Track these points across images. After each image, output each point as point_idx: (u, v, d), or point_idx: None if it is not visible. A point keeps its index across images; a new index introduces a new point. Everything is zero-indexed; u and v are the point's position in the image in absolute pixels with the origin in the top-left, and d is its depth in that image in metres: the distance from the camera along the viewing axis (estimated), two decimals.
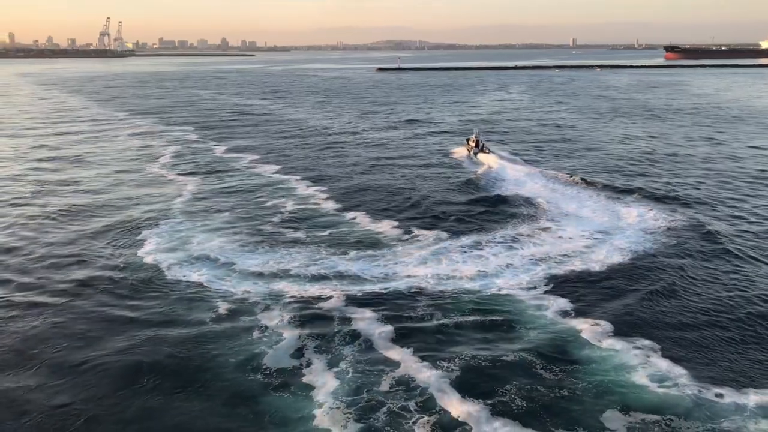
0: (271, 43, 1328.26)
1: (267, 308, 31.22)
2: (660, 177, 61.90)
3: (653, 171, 65.17)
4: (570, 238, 41.73)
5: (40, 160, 74.44)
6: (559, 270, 35.80)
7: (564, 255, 38.16)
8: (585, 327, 28.91)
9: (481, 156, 71.73)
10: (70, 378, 25.26)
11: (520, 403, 22.92)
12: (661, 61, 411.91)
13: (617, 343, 27.29)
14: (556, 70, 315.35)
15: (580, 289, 33.47)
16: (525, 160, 71.40)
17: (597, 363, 25.75)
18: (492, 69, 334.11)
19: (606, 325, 29.08)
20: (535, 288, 33.40)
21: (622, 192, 54.62)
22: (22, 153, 79.85)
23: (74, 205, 52.54)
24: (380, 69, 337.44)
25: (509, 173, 63.25)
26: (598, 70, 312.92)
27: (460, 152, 76.26)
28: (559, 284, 33.92)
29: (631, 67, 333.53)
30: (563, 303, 31.59)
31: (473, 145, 74.57)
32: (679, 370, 24.96)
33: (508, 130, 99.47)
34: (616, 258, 37.80)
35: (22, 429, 22.14)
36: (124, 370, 25.59)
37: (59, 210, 50.78)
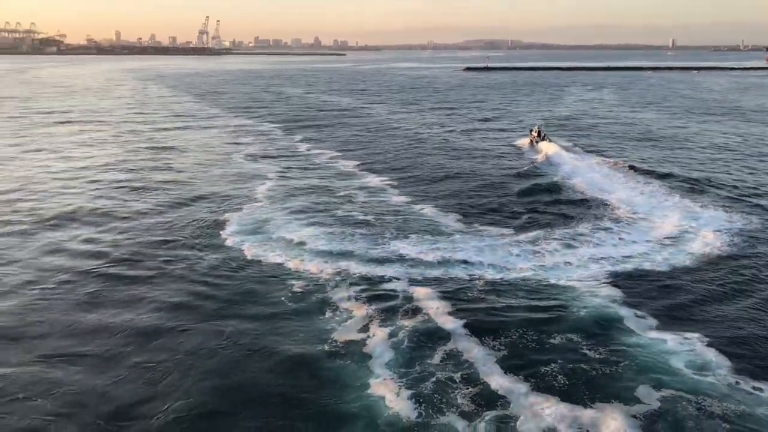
0: (362, 43, 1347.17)
1: (336, 286, 33.51)
2: (742, 180, 60.52)
3: (735, 173, 63.71)
4: (633, 234, 41.99)
5: (137, 148, 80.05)
6: (618, 266, 36.25)
7: (625, 253, 38.42)
8: (634, 316, 29.73)
9: (542, 145, 75.12)
10: (160, 339, 28.23)
11: (560, 380, 24.20)
12: (762, 63, 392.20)
13: (664, 334, 28.00)
14: (650, 72, 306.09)
15: (635, 282, 34.04)
16: (591, 152, 72.43)
17: (641, 348, 26.65)
18: (583, 69, 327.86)
19: (656, 317, 29.78)
20: (589, 280, 34.14)
21: (698, 192, 54.08)
22: (122, 141, 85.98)
23: (166, 189, 56.75)
24: (467, 68, 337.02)
25: (569, 163, 64.55)
26: (695, 72, 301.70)
27: (523, 142, 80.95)
28: (615, 278, 34.53)
29: (731, 69, 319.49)
30: (615, 293, 32.36)
31: (535, 135, 78.85)
32: (721, 361, 25.52)
33: (586, 126, 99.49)
34: (681, 258, 37.76)
35: (131, 381, 24.99)
36: (208, 335, 28.35)
37: (153, 194, 55.03)
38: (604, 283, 33.85)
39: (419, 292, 32.68)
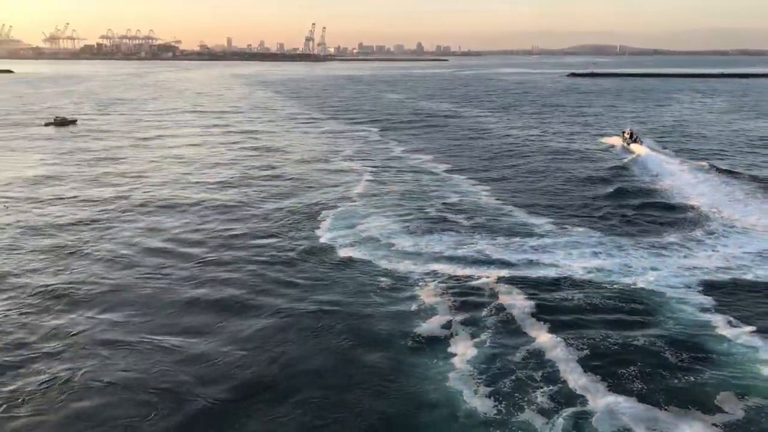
0: (465, 48, 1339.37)
1: (424, 284, 34.39)
2: None
3: None
4: (728, 244, 40.71)
5: (243, 148, 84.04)
6: (711, 275, 35.39)
7: (719, 263, 37.27)
8: (726, 325, 29.10)
9: (633, 147, 76.40)
10: (265, 319, 30.48)
11: (640, 383, 24.19)
12: None
13: (756, 341, 27.25)
14: None
15: (729, 292, 33.21)
16: (686, 156, 70.57)
17: (728, 356, 26.14)
18: (695, 77, 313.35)
19: (749, 325, 28.94)
20: (679, 287, 33.53)
21: None
22: (230, 142, 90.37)
23: (267, 187, 59.49)
24: (572, 74, 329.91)
25: (661, 166, 63.47)
26: None
27: (614, 144, 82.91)
28: (707, 287, 33.82)
29: None
30: (707, 301, 31.76)
31: (627, 136, 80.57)
32: None
33: (690, 133, 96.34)
34: None
35: (238, 353, 27.10)
36: (305, 322, 30.05)
37: (254, 191, 57.85)
38: (694, 290, 33.18)
39: (505, 291, 33.19)
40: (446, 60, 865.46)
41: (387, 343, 27.98)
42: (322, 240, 42.62)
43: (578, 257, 38.07)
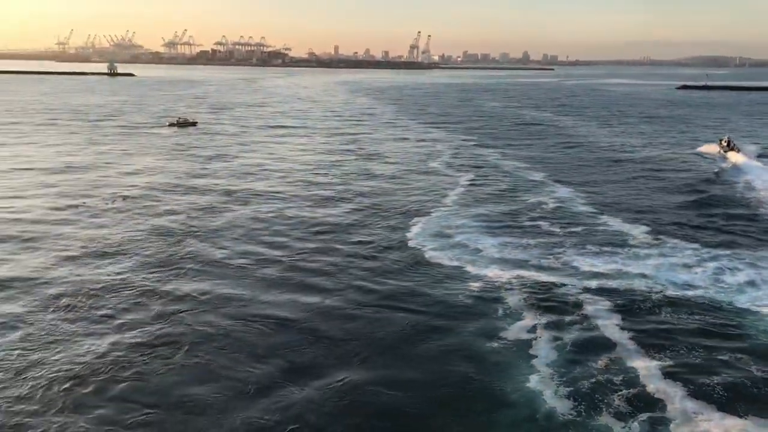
0: (572, 57, 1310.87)
1: (511, 290, 35.10)
2: None
3: None
4: None
5: (342, 153, 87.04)
6: None
7: None
8: None
9: (730, 155, 75.69)
10: (350, 314, 32.35)
11: (720, 392, 24.17)
12: None
13: None
14: None
15: None
16: None
17: None
18: None
19: None
20: None
21: None
22: (329, 147, 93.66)
23: (363, 192, 61.61)
24: (683, 87, 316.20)
25: (760, 175, 60.64)
26: None
27: (710, 152, 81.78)
28: None
29: None
30: None
31: (724, 144, 79.67)
32: None
33: None
34: None
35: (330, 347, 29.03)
36: (391, 321, 31.55)
37: (350, 195, 60.12)
38: None
39: (591, 299, 33.49)
40: (552, 69, 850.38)
41: (471, 345, 28.98)
42: (411, 243, 43.93)
43: (669, 268, 37.70)
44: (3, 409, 23.35)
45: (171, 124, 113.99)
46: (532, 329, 30.29)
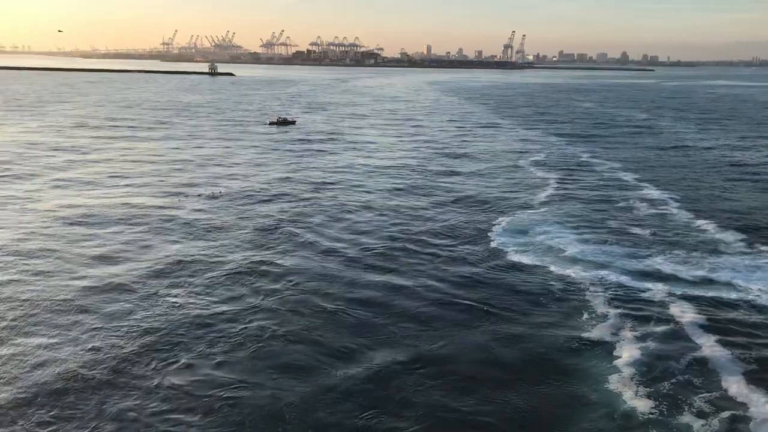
0: (674, 58, 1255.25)
1: (594, 291, 35.06)
2: None
3: None
4: None
5: (431, 153, 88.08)
6: None
7: None
8: None
9: None
10: (428, 310, 33.24)
11: None
12: None
13: None
14: None
15: None
16: None
17: None
18: None
19: None
20: None
21: None
22: (416, 146, 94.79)
23: (449, 191, 62.43)
24: None
25: None
26: None
27: None
28: None
29: None
30: None
31: None
32: None
33: None
34: None
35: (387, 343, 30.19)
36: (471, 316, 32.23)
37: (436, 193, 61.10)
38: None
39: (676, 304, 33.12)
40: (652, 70, 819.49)
41: (550, 343, 29.34)
42: (494, 243, 44.29)
43: (761, 277, 36.61)
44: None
45: (271, 123, 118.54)
46: (615, 331, 30.31)
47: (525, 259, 40.66)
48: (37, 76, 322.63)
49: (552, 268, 38.84)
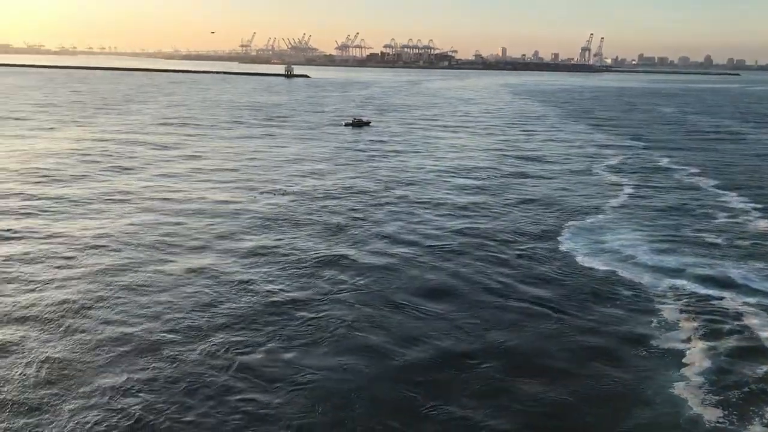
0: (762, 62, 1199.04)
1: (665, 298, 34.53)
2: None
3: None
4: None
5: (503, 155, 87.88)
6: None
7: None
8: None
9: None
10: (494, 310, 33.63)
11: None
12: None
13: None
14: None
15: None
16: None
17: None
18: None
19: None
20: None
21: None
22: (490, 148, 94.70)
23: (519, 192, 62.37)
24: None
25: None
26: None
27: None
28: None
29: None
30: None
31: None
32: None
33: None
34: None
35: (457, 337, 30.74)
36: (536, 318, 32.27)
37: (505, 195, 61.06)
38: None
39: (751, 314, 32.35)
40: (737, 75, 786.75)
41: (616, 348, 29.13)
42: (563, 246, 44.06)
43: None
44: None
45: (347, 124, 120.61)
46: (685, 339, 29.85)
47: (594, 263, 40.33)
48: (123, 76, 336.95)
49: (622, 273, 38.39)
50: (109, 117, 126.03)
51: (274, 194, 58.58)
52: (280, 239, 44.28)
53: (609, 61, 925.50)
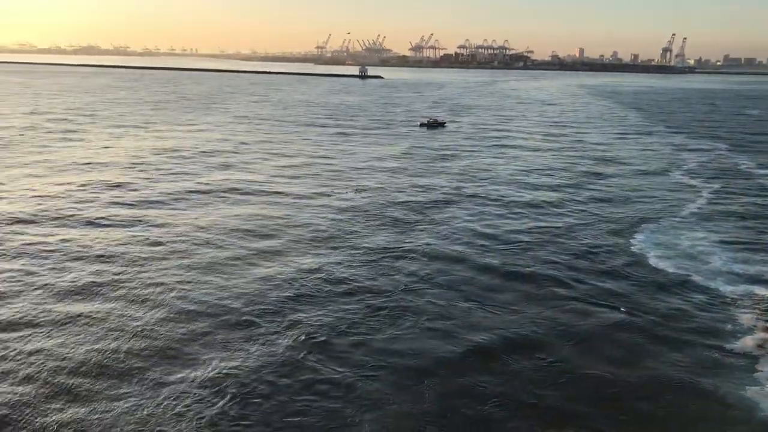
0: None
1: (741, 304, 33.91)
2: None
3: None
4: None
5: (577, 156, 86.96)
6: None
7: None
8: None
9: None
10: (558, 309, 33.88)
11: None
12: None
13: None
14: None
15: None
16: None
17: None
18: None
19: None
20: None
21: None
22: (564, 148, 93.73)
23: (595, 194, 61.91)
24: None
25: None
26: None
27: None
28: None
29: None
30: None
31: None
32: None
33: None
34: None
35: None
36: (606, 319, 32.31)
37: (576, 195, 60.91)
38: None
39: None
40: None
41: (689, 347, 29.06)
42: (635, 248, 43.64)
43: None
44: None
45: (422, 125, 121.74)
46: (761, 344, 29.38)
47: (667, 266, 39.88)
48: (205, 77, 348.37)
49: (696, 277, 37.85)
50: (208, 114, 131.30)
51: (351, 191, 60.19)
52: (352, 229, 46.26)
53: (692, 62, 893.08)
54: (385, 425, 22.93)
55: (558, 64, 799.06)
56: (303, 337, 29.01)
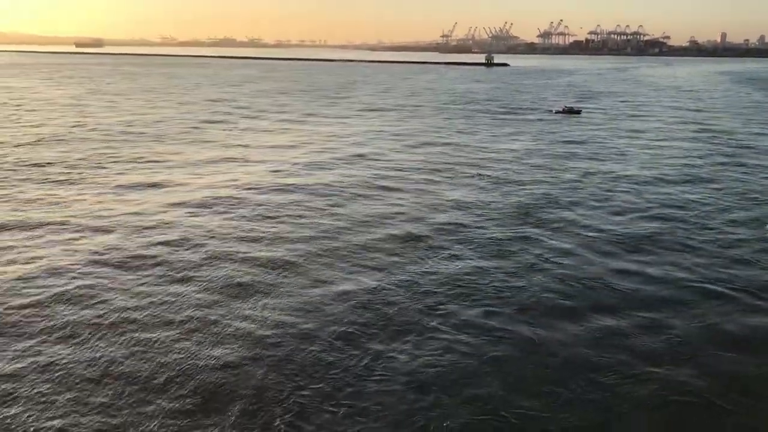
0: None
1: None
2: None
3: None
4: None
5: (715, 144, 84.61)
6: None
7: None
8: None
9: None
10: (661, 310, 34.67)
11: None
12: None
13: None
14: None
15: None
16: None
17: None
18: None
19: None
20: None
21: None
22: (697, 136, 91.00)
23: (733, 182, 60.84)
24: None
25: None
26: None
27: None
28: None
29: None
30: None
31: None
32: None
33: None
34: None
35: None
36: (728, 315, 32.95)
37: (716, 182, 59.98)
38: None
39: None
40: None
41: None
42: None
43: None
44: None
45: (557, 111, 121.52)
46: None
47: None
48: (333, 67, 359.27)
49: None
50: (321, 107, 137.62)
51: (470, 177, 61.62)
52: (469, 217, 46.80)
53: None
54: None
55: (696, 50, 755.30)
56: (431, 307, 31.73)
